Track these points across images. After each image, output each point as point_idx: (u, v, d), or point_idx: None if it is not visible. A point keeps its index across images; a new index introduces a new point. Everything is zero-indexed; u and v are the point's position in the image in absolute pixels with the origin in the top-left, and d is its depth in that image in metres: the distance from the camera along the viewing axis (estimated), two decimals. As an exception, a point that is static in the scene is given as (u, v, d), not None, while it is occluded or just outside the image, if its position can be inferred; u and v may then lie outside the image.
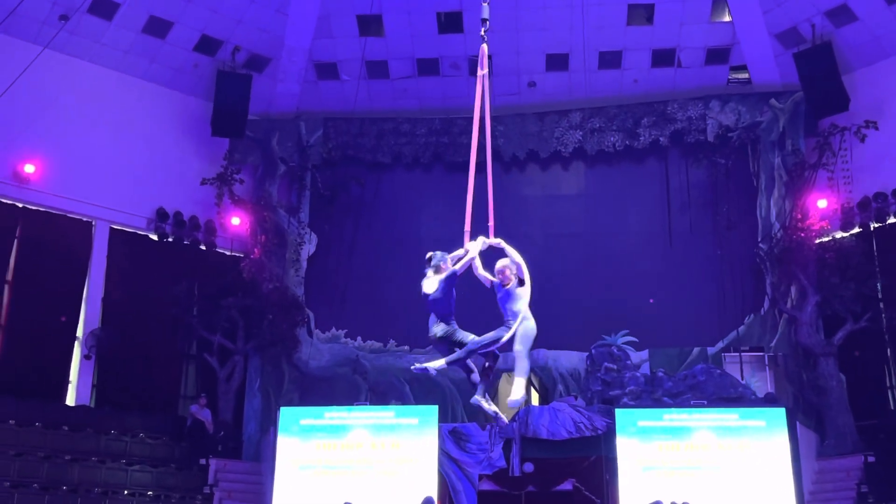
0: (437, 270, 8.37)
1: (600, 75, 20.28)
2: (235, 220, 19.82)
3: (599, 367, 17.27)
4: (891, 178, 17.97)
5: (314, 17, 19.65)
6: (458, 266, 8.32)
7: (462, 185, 22.62)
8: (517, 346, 8.28)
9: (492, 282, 8.60)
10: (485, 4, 9.47)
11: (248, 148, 20.48)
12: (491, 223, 8.90)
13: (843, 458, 16.66)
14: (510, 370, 19.83)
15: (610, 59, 20.12)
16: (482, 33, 9.24)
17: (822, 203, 18.46)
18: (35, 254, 17.55)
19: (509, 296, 8.42)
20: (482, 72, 9.04)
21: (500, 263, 8.52)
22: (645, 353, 18.75)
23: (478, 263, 8.57)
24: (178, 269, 18.98)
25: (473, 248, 8.50)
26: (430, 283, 8.35)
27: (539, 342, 19.43)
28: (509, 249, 8.51)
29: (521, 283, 8.47)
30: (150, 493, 16.28)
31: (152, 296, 18.47)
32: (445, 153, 20.69)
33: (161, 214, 19.26)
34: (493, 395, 20.14)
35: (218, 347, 18.91)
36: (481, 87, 8.98)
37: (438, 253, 8.52)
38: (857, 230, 18.29)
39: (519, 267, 8.45)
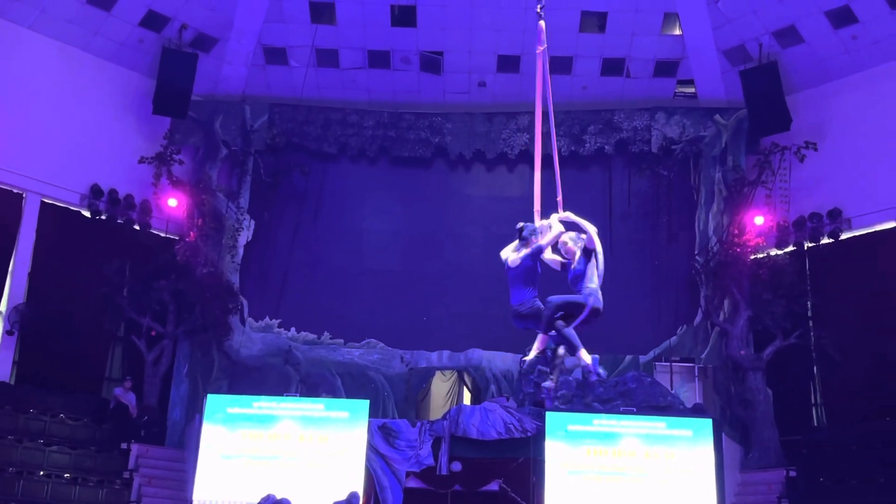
0: (527, 244, 8.09)
1: (550, 80, 20.25)
2: (172, 202, 19.38)
3: (533, 369, 17.26)
4: (827, 200, 18.32)
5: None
6: (544, 241, 8.02)
7: (407, 179, 22.65)
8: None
9: (561, 263, 8.33)
10: None
11: (190, 129, 20.07)
12: (559, 198, 8.68)
13: (765, 472, 16.92)
14: (443, 368, 19.81)
15: (561, 65, 20.14)
16: (538, 10, 9.06)
17: (759, 220, 18.75)
18: (-39, 224, 16.97)
19: (579, 275, 8.12)
20: (541, 48, 8.91)
21: (561, 238, 8.22)
22: (578, 358, 18.80)
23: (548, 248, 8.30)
24: (110, 248, 18.51)
25: (556, 222, 8.21)
26: (515, 256, 8.02)
27: (474, 342, 19.68)
28: (581, 221, 8.26)
29: (587, 253, 8.11)
30: (66, 475, 15.84)
31: (82, 274, 18.00)
32: (392, 147, 20.55)
33: (95, 191, 18.76)
34: (425, 396, 20.13)
35: (146, 330, 18.48)
36: (541, 64, 8.82)
37: (530, 225, 8.24)
38: (791, 248, 18.62)
39: (589, 237, 8.14)
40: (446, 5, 19.20)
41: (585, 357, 7.99)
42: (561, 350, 8.20)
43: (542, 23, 8.93)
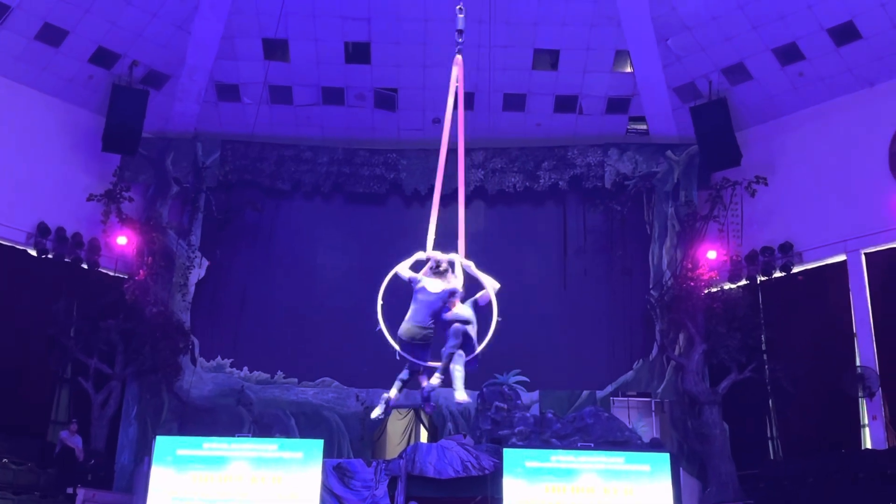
0: (443, 278, 8.06)
1: (504, 116, 20.42)
2: (122, 240, 19.02)
3: (490, 406, 17.14)
4: (778, 233, 18.54)
5: (218, 36, 19.22)
6: (460, 284, 8.03)
7: (362, 216, 22.49)
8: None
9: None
10: (460, 16, 9.29)
11: (141, 166, 19.81)
12: (461, 242, 8.68)
13: (723, 506, 16.88)
14: (399, 406, 19.52)
15: (514, 102, 20.30)
16: (458, 40, 9.06)
17: (712, 254, 18.90)
18: None
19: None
20: (456, 84, 8.88)
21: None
22: (535, 394, 18.77)
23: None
24: (57, 288, 18.12)
25: (458, 265, 8.21)
26: (436, 286, 7.89)
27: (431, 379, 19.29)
28: (480, 274, 8.34)
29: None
30: (9, 522, 15.28)
31: (27, 313, 17.58)
32: (346, 183, 20.45)
33: (42, 229, 18.33)
34: (381, 435, 19.81)
35: (94, 371, 18.03)
36: (453, 98, 8.79)
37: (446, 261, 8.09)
38: (744, 282, 18.77)
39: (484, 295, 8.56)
40: (400, 42, 19.25)
41: (462, 395, 8.00)
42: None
43: (459, 56, 8.96)
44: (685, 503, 16.17)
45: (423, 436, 19.36)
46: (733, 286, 18.81)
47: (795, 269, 18.29)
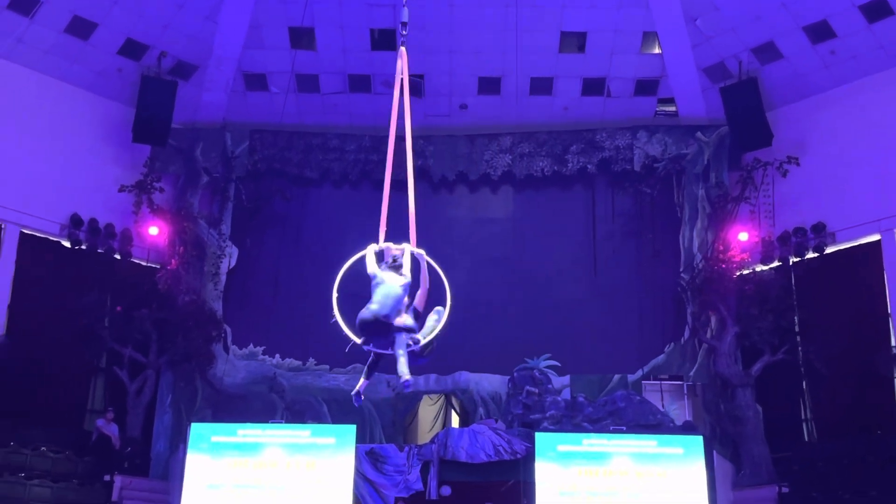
0: (398, 271, 8.10)
1: (531, 101, 20.34)
2: (153, 230, 19.21)
3: (521, 390, 17.13)
4: (811, 214, 18.35)
5: (245, 26, 19.29)
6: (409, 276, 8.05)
7: (391, 203, 22.53)
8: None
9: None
10: (405, 8, 9.34)
11: (171, 156, 19.96)
12: (412, 232, 8.69)
13: (757, 489, 16.75)
14: (430, 392, 19.60)
15: (541, 85, 20.20)
16: (402, 33, 9.10)
17: (744, 236, 18.73)
18: (-62, 255, 16.73)
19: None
20: (401, 76, 8.90)
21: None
22: (566, 379, 18.74)
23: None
24: (91, 278, 18.29)
25: (407, 253, 8.25)
26: (398, 280, 8.01)
27: (461, 365, 19.52)
28: (425, 267, 8.32)
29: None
30: (48, 509, 15.53)
31: (62, 304, 17.73)
32: (374, 171, 20.45)
33: (75, 221, 18.56)
34: (412, 420, 19.90)
35: (129, 360, 18.24)
36: (399, 92, 8.83)
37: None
38: (776, 264, 18.59)
39: (421, 294, 8.33)
40: (426, 28, 19.21)
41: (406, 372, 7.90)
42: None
43: (403, 48, 8.93)
44: (719, 486, 16.10)
45: (455, 420, 19.45)
46: (765, 268, 18.65)
47: (829, 250, 18.09)
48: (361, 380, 8.28)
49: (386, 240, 8.60)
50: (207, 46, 19.50)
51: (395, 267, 8.28)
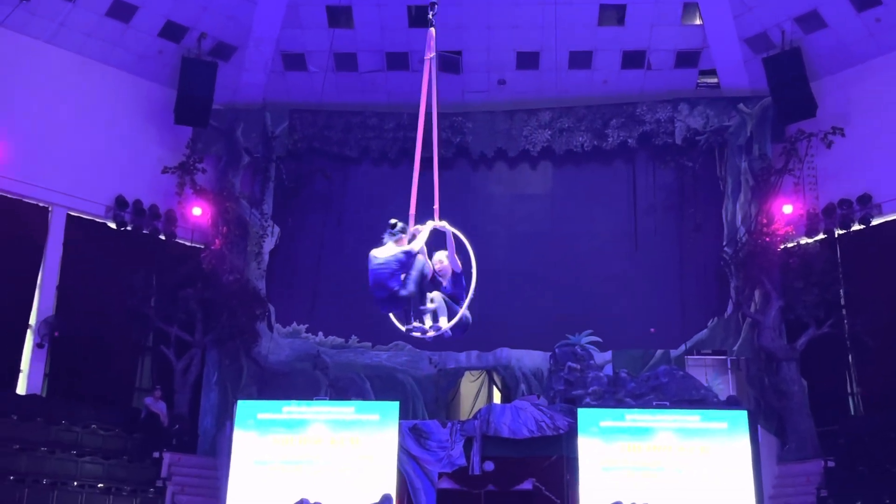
0: (398, 242, 8.09)
1: (570, 75, 20.20)
2: (197, 211, 19.45)
3: (563, 366, 17.15)
4: (856, 185, 18.06)
5: (283, 6, 19.34)
6: (416, 246, 8.04)
7: (430, 180, 22.54)
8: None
9: (433, 273, 8.38)
10: None
11: (212, 137, 20.14)
12: (436, 206, 8.66)
13: (803, 463, 16.66)
14: (472, 368, 19.63)
15: (580, 59, 20.04)
16: (430, 16, 9.04)
17: (788, 208, 18.50)
18: (-11, 239, 17.08)
19: (450, 296, 8.24)
20: (430, 55, 8.83)
21: (436, 256, 8.38)
22: (608, 354, 18.70)
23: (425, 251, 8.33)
24: (137, 259, 18.59)
25: (427, 230, 8.22)
26: (384, 251, 8.01)
27: (503, 341, 19.53)
28: (452, 235, 8.28)
29: (455, 276, 8.27)
30: (100, 485, 15.84)
31: (109, 285, 18.05)
32: (413, 149, 20.32)
33: (120, 202, 18.84)
34: (454, 396, 20.00)
35: (175, 339, 18.53)
36: (428, 72, 8.76)
37: (401, 224, 8.24)
38: (821, 236, 18.36)
39: (452, 260, 8.26)
40: (463, 4, 19.12)
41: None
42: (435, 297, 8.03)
43: (432, 30, 8.84)
44: (763, 460, 16.04)
45: (497, 397, 19.53)
46: (810, 240, 18.42)
47: (875, 222, 17.81)
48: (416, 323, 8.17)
49: (418, 217, 8.59)
50: (246, 27, 19.59)
51: (393, 235, 8.24)
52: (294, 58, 20.29)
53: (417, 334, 8.01)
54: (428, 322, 8.04)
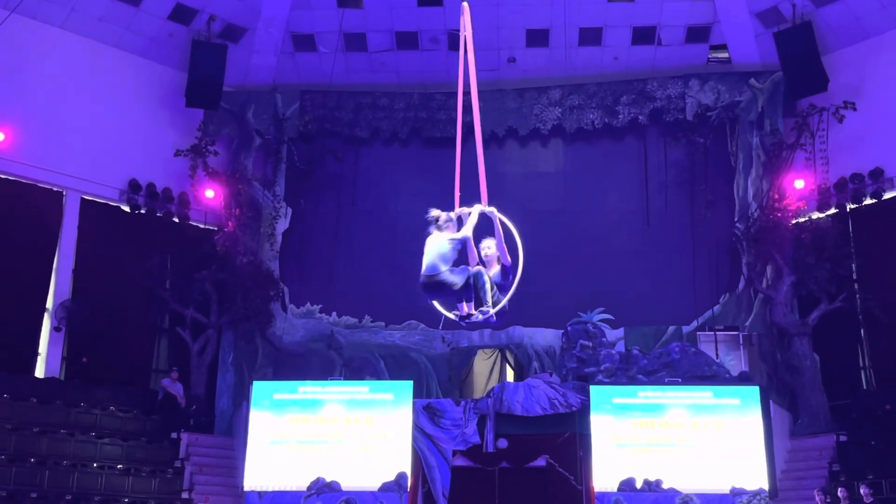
0: (440, 230, 8.18)
1: (580, 52, 20.15)
2: (209, 193, 19.56)
3: (575, 344, 17.22)
4: (868, 160, 18.00)
5: (292, -14, 19.37)
6: (468, 232, 8.16)
7: (440, 160, 22.69)
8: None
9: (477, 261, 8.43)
10: None
11: (223, 120, 20.23)
12: (483, 190, 8.70)
13: (815, 438, 16.75)
14: (485, 346, 19.73)
15: (590, 36, 19.98)
16: None
17: (800, 183, 18.47)
18: (4, 224, 17.21)
19: (500, 286, 8.34)
20: (464, 33, 8.83)
21: (484, 243, 8.46)
22: (620, 331, 18.80)
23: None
24: (151, 242, 18.75)
25: (475, 212, 8.30)
26: (435, 243, 8.11)
27: (515, 319, 19.63)
28: (499, 222, 8.35)
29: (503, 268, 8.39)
30: (119, 466, 16.09)
31: (124, 268, 18.23)
32: (423, 128, 20.53)
33: (133, 186, 18.97)
34: (467, 375, 20.14)
35: (191, 321, 18.71)
36: (464, 49, 8.77)
37: (444, 214, 8.29)
38: (833, 211, 18.34)
39: (500, 248, 8.36)
40: (472, -17, 19.02)
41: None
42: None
43: (465, 4, 8.82)
44: (776, 435, 16.11)
45: (510, 375, 19.65)
46: (822, 215, 18.39)
47: (887, 196, 17.77)
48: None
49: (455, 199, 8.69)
50: (255, 8, 19.62)
51: (439, 227, 8.33)
52: (304, 39, 20.31)
53: (461, 314, 8.10)
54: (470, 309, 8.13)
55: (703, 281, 19.00)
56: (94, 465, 15.88)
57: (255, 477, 16.17)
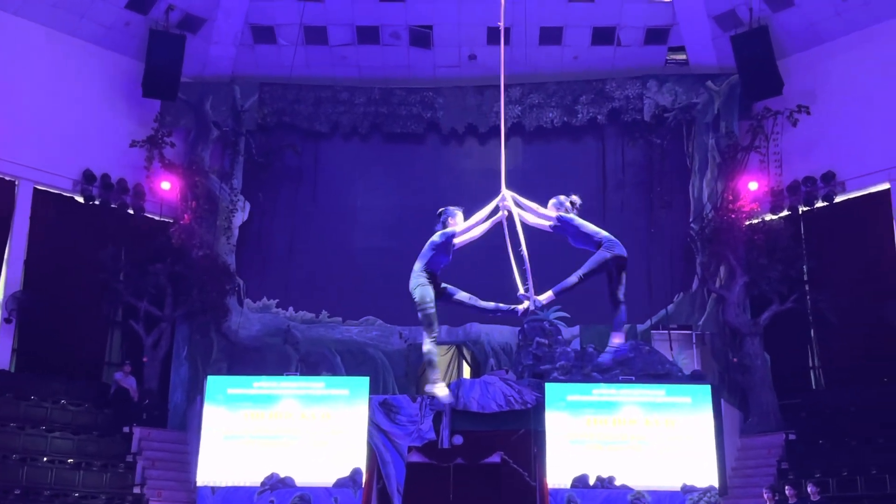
0: (445, 226, 8.14)
1: (541, 51, 20.23)
2: (165, 185, 19.33)
3: (531, 341, 17.35)
4: (821, 163, 18.32)
5: (252, -23, 19.21)
6: (459, 227, 8.08)
7: (400, 156, 22.66)
8: None
9: (553, 223, 8.30)
10: None
11: (181, 111, 19.99)
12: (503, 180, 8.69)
13: (765, 436, 17.06)
14: (442, 343, 19.70)
15: (551, 35, 20.07)
16: None
17: (753, 185, 18.74)
18: (-46, 213, 16.92)
19: (579, 230, 8.16)
20: (501, 24, 8.83)
21: (552, 201, 8.47)
22: (576, 329, 18.93)
23: (523, 214, 8.38)
24: (105, 233, 18.51)
25: (488, 207, 8.27)
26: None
27: (473, 316, 19.64)
28: (522, 201, 8.33)
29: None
30: (70, 460, 15.90)
31: (78, 260, 17.99)
32: (384, 124, 20.49)
33: (88, 176, 18.69)
34: (424, 371, 20.13)
35: (145, 314, 18.51)
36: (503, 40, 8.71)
37: (450, 208, 8.25)
38: (786, 213, 18.63)
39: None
40: (433, -21, 19.07)
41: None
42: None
43: None
44: (726, 433, 16.39)
45: (466, 371, 19.71)
46: (775, 217, 18.67)
47: (838, 199, 18.09)
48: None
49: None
50: (215, -1, 19.44)
51: (443, 223, 8.28)
52: (263, 31, 20.15)
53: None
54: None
55: (658, 280, 19.20)
56: (45, 458, 15.68)
57: (209, 472, 16.08)
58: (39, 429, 16.12)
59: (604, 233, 8.25)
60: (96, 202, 18.72)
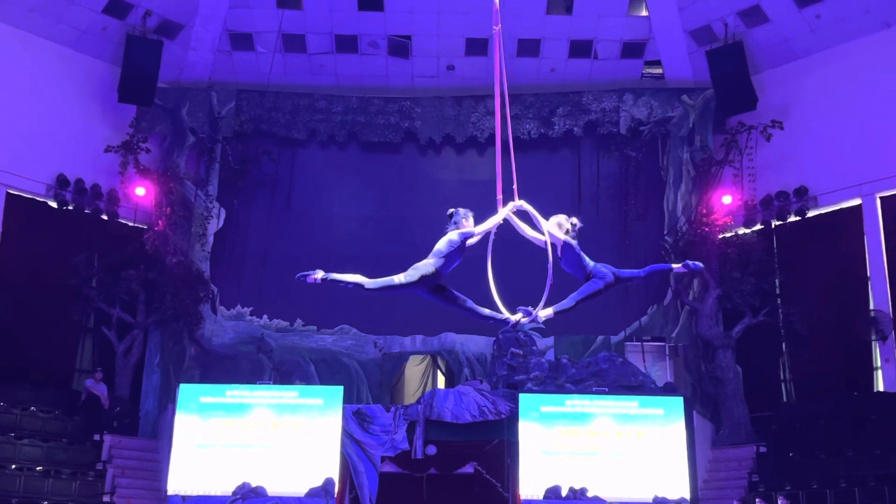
0: (457, 226, 8.04)
1: (518, 63, 20.31)
2: (140, 191, 19.20)
3: (506, 352, 17.39)
4: (793, 178, 18.51)
5: (231, -16, 19.16)
6: (476, 228, 7.95)
7: (376, 164, 22.59)
8: None
9: (557, 242, 8.22)
10: None
11: (157, 116, 19.89)
12: (515, 187, 8.59)
13: (736, 448, 17.16)
14: (417, 352, 19.71)
15: (528, 47, 20.17)
16: None
17: (727, 199, 18.90)
18: (-76, 216, 16.71)
19: (575, 254, 8.16)
20: (496, 27, 8.78)
21: (555, 219, 8.23)
22: (550, 340, 19.00)
23: (523, 226, 8.24)
24: (78, 239, 18.36)
25: (502, 212, 8.18)
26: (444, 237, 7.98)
27: (447, 326, 19.68)
28: (536, 214, 8.26)
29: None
30: (39, 468, 15.72)
31: (50, 265, 17.84)
32: (361, 132, 20.49)
33: (61, 181, 18.54)
34: (398, 381, 20.13)
35: (117, 321, 18.37)
36: (498, 45, 8.66)
37: (461, 210, 8.15)
38: (759, 227, 18.79)
39: (552, 235, 8.20)
40: (413, -11, 19.12)
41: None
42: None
43: (496, 1, 8.82)
44: (698, 445, 16.48)
45: (441, 381, 19.72)
46: (748, 231, 18.85)
47: (810, 214, 18.28)
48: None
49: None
50: (193, 5, 19.35)
51: (455, 223, 8.20)
52: (241, 37, 20.09)
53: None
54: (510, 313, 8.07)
55: (632, 292, 19.21)
56: (13, 466, 15.51)
57: (180, 481, 15.96)
58: (8, 436, 15.93)
59: (591, 263, 8.26)
60: (70, 207, 18.58)
